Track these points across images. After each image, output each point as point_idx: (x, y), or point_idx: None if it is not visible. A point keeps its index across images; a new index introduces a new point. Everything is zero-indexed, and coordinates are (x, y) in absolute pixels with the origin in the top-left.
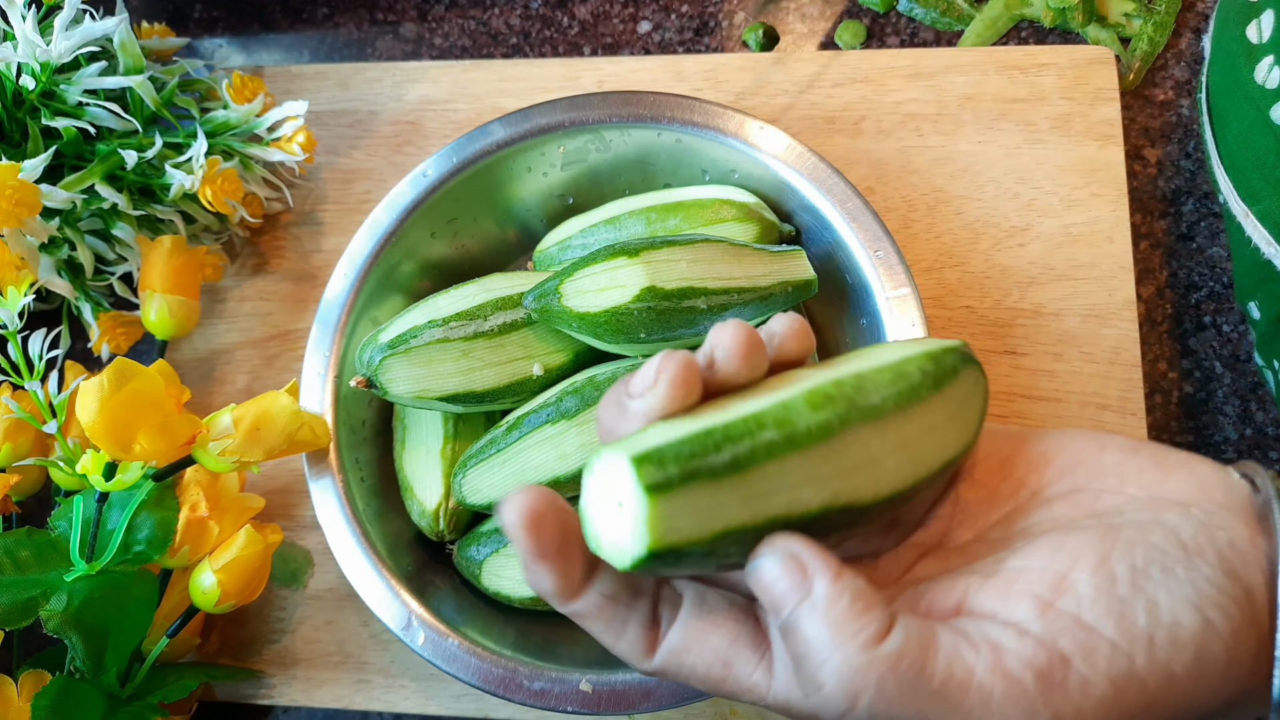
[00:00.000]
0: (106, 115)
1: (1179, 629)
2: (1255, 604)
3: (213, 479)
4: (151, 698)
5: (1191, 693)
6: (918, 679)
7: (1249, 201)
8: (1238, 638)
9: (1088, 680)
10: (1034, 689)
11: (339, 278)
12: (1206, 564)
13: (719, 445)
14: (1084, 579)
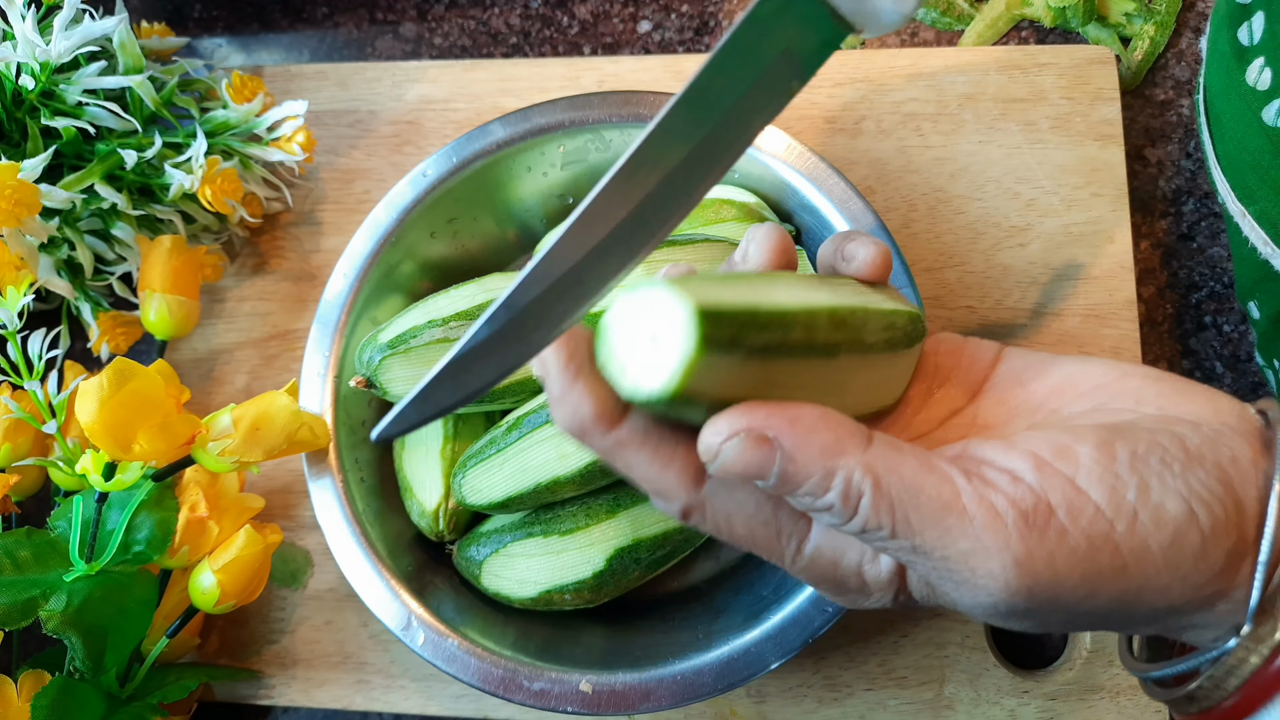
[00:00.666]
0: (106, 115)
1: (1163, 511)
2: (1243, 515)
3: (212, 479)
4: (151, 698)
5: (1161, 572)
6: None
7: (1246, 202)
8: (1216, 535)
9: (1066, 530)
10: (1013, 524)
11: (338, 278)
12: (1203, 469)
13: (762, 327)
14: (1085, 451)
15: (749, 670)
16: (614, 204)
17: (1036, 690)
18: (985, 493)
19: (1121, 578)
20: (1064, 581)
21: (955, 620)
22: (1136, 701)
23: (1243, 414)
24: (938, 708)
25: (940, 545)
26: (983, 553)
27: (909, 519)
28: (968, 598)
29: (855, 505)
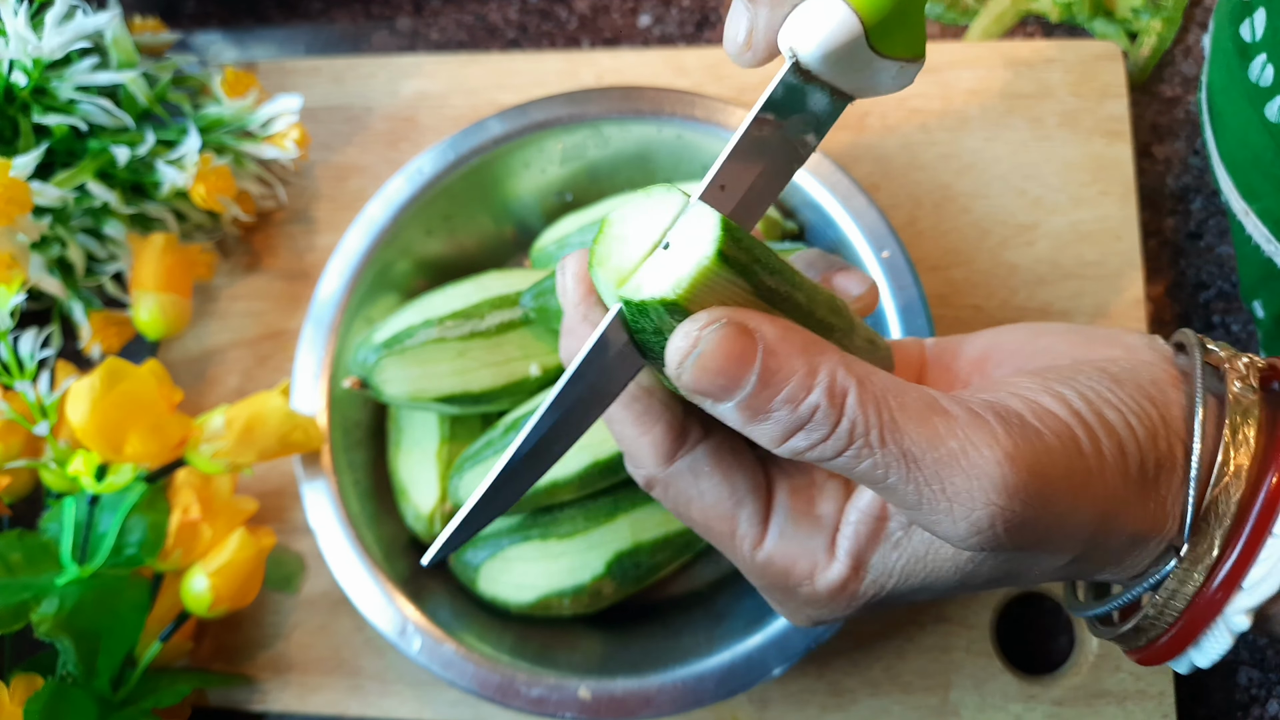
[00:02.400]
0: (98, 112)
1: (1105, 422)
2: (1168, 432)
3: (205, 481)
4: (144, 703)
5: (1118, 482)
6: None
7: (1249, 199)
8: (1148, 447)
9: (1040, 431)
10: (996, 422)
11: (333, 276)
12: (1127, 389)
13: (774, 271)
14: (1023, 382)
15: (751, 676)
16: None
17: (1043, 695)
18: (962, 399)
19: (1095, 484)
20: (1053, 482)
21: (960, 625)
22: (1144, 706)
23: (1153, 345)
24: (943, 713)
25: (930, 444)
26: (973, 450)
27: (896, 418)
28: (961, 512)
29: (841, 403)
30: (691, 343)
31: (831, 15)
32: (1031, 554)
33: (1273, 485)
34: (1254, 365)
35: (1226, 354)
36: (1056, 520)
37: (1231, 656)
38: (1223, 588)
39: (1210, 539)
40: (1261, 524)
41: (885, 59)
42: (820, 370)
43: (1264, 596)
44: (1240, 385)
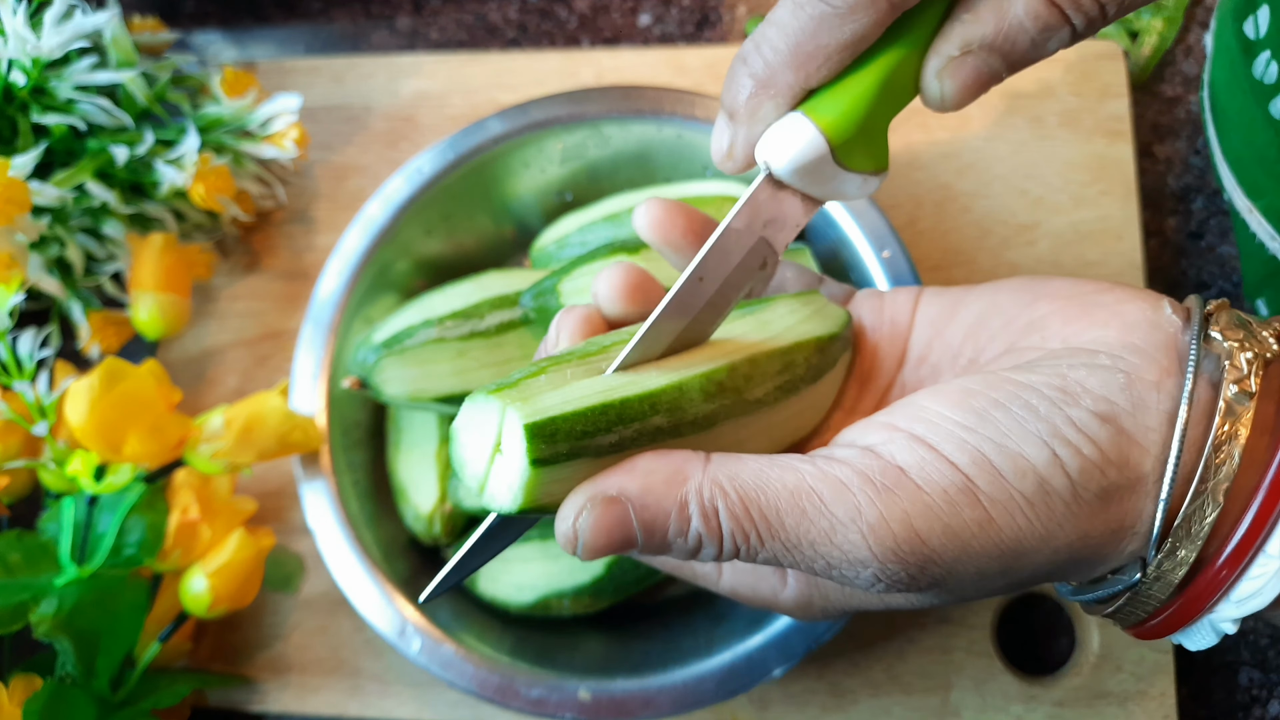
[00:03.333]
0: (97, 111)
1: (1021, 459)
2: (1128, 446)
3: (204, 482)
4: (143, 704)
5: (1034, 525)
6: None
7: (1253, 197)
8: (1086, 476)
9: (920, 487)
10: (859, 490)
11: (332, 276)
12: (1077, 406)
13: (610, 426)
14: (939, 410)
15: (751, 677)
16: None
17: (1044, 696)
18: (829, 469)
19: (990, 530)
20: (929, 540)
21: (961, 626)
22: (1144, 707)
23: (1155, 324)
24: (944, 714)
25: (803, 532)
26: (840, 527)
27: (766, 517)
28: (851, 576)
29: (717, 522)
30: (572, 534)
31: (801, 135)
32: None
33: (1261, 508)
34: (1260, 359)
35: (1232, 342)
36: (948, 569)
37: (1232, 657)
38: (1194, 603)
39: (1182, 556)
40: (1245, 546)
41: (850, 172)
42: (689, 501)
43: (1252, 610)
44: (1235, 391)
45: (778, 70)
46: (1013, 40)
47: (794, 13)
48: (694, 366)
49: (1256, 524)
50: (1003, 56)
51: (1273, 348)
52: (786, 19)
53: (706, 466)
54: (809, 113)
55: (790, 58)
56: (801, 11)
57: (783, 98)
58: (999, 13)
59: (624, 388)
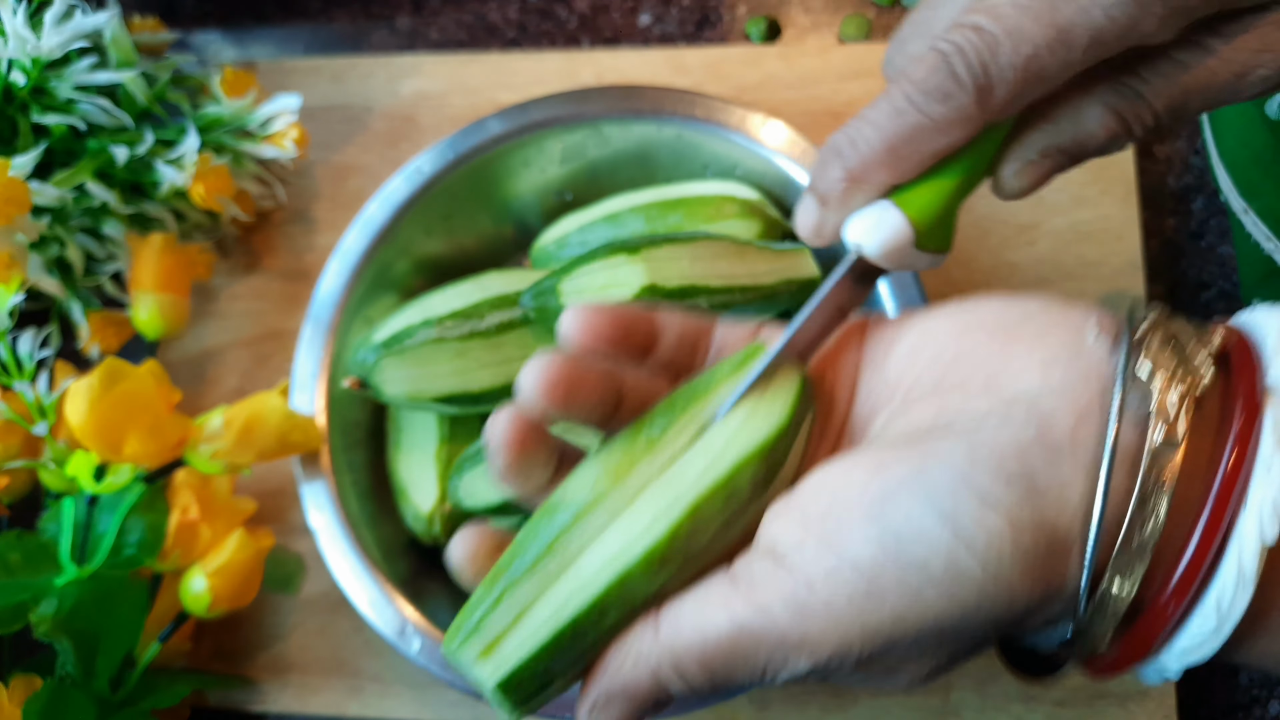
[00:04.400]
0: (97, 111)
1: (920, 546)
2: (1043, 506)
3: (204, 482)
4: (143, 704)
5: (949, 608)
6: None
7: (1249, 198)
8: (994, 551)
9: (828, 603)
10: (781, 616)
11: (332, 276)
12: (986, 472)
13: (569, 645)
14: (848, 497)
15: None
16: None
17: (1044, 696)
18: (752, 597)
19: (905, 623)
20: (853, 643)
21: None
22: (1144, 707)
23: (1077, 351)
24: (944, 714)
25: (751, 669)
26: (779, 655)
27: (717, 671)
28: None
29: (681, 682)
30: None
31: (892, 223)
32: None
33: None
34: (1190, 397)
35: (1161, 377)
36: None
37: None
38: (1135, 651)
39: (1114, 609)
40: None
41: (923, 252)
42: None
43: (1193, 662)
44: (1162, 439)
45: (871, 168)
46: (1083, 145)
47: (891, 118)
48: (633, 546)
49: (1187, 577)
50: (1072, 158)
51: (1204, 380)
52: (884, 121)
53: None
54: (898, 202)
55: (885, 158)
56: (900, 119)
57: (874, 191)
58: (1076, 123)
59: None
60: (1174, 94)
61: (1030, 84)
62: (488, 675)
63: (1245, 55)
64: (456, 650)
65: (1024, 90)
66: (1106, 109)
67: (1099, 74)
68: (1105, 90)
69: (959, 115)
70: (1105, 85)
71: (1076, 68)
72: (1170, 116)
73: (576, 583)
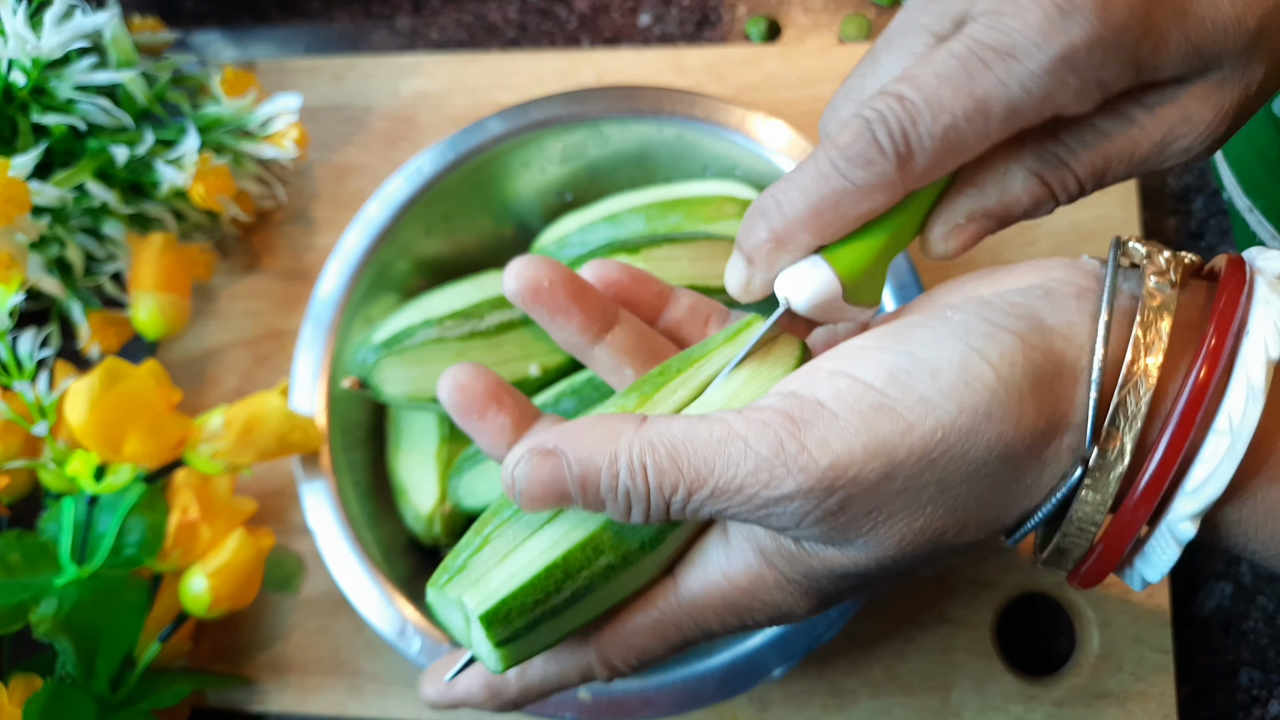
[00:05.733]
0: (97, 111)
1: (935, 361)
2: (1050, 335)
3: (204, 482)
4: (143, 704)
5: (956, 417)
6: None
7: (1253, 197)
8: (1006, 360)
9: (835, 414)
10: (780, 428)
11: (332, 276)
12: (991, 309)
13: (560, 585)
14: (858, 342)
15: (751, 677)
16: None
17: (1044, 696)
18: (752, 415)
19: (910, 435)
20: (849, 462)
21: (961, 625)
22: (1144, 707)
23: (1072, 264)
24: (944, 714)
25: (730, 476)
26: (764, 464)
27: (695, 466)
28: (779, 514)
29: (645, 476)
30: (510, 483)
31: (818, 278)
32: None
33: (1199, 380)
34: (1177, 260)
35: (1148, 248)
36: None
37: (1232, 657)
38: (1147, 495)
39: (1120, 444)
40: (1186, 423)
41: (853, 306)
42: (619, 457)
43: (1208, 500)
44: (1156, 280)
45: (796, 229)
46: (1009, 209)
47: (816, 181)
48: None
49: (1196, 395)
50: (999, 221)
51: (1188, 257)
52: (809, 185)
53: (640, 427)
54: (827, 258)
55: (809, 220)
56: (824, 183)
57: (799, 251)
58: (1001, 188)
59: (565, 539)
60: (1096, 161)
61: (950, 152)
62: (474, 606)
63: (1166, 126)
64: (442, 588)
65: (943, 158)
66: (1031, 174)
67: (1025, 139)
68: (1030, 156)
69: (881, 181)
70: (1030, 151)
71: (995, 137)
72: (1093, 182)
73: (569, 523)
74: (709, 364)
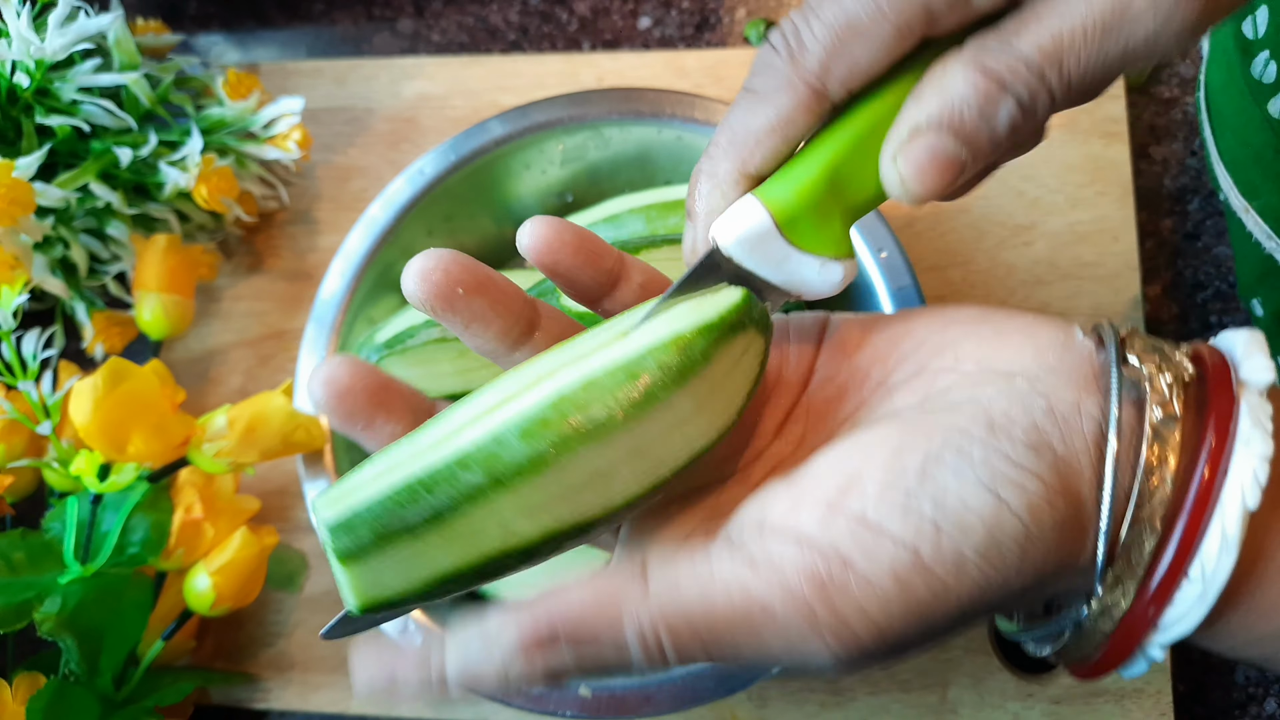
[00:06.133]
0: (101, 113)
1: (966, 513)
2: (1067, 473)
3: (207, 481)
4: (146, 701)
5: (990, 576)
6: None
7: (1249, 197)
8: (1036, 513)
9: (869, 579)
10: (812, 596)
11: (335, 276)
12: (1009, 439)
13: (416, 498)
14: (873, 475)
15: (750, 674)
16: None
17: (1041, 694)
18: (773, 576)
19: (947, 597)
20: (889, 628)
21: None
22: (1141, 704)
23: (1067, 346)
24: (941, 712)
25: (760, 649)
26: (799, 638)
27: (719, 639)
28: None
29: (662, 654)
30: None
31: (746, 210)
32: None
33: (1185, 529)
34: (1179, 382)
35: (1148, 367)
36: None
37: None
38: (1134, 633)
39: (1123, 588)
40: (1175, 570)
41: (804, 254)
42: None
43: (1179, 636)
44: (1161, 415)
45: (719, 161)
46: (959, 115)
47: (731, 110)
48: (511, 409)
49: (1183, 548)
50: (954, 133)
51: (1189, 371)
52: (727, 116)
53: (646, 596)
54: (757, 194)
55: (728, 150)
56: (735, 106)
57: (728, 187)
58: (941, 91)
59: (430, 452)
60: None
61: (844, 39)
62: (328, 516)
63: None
64: (316, 505)
65: (838, 47)
66: (971, 66)
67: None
68: (970, 51)
69: (776, 81)
70: (970, 48)
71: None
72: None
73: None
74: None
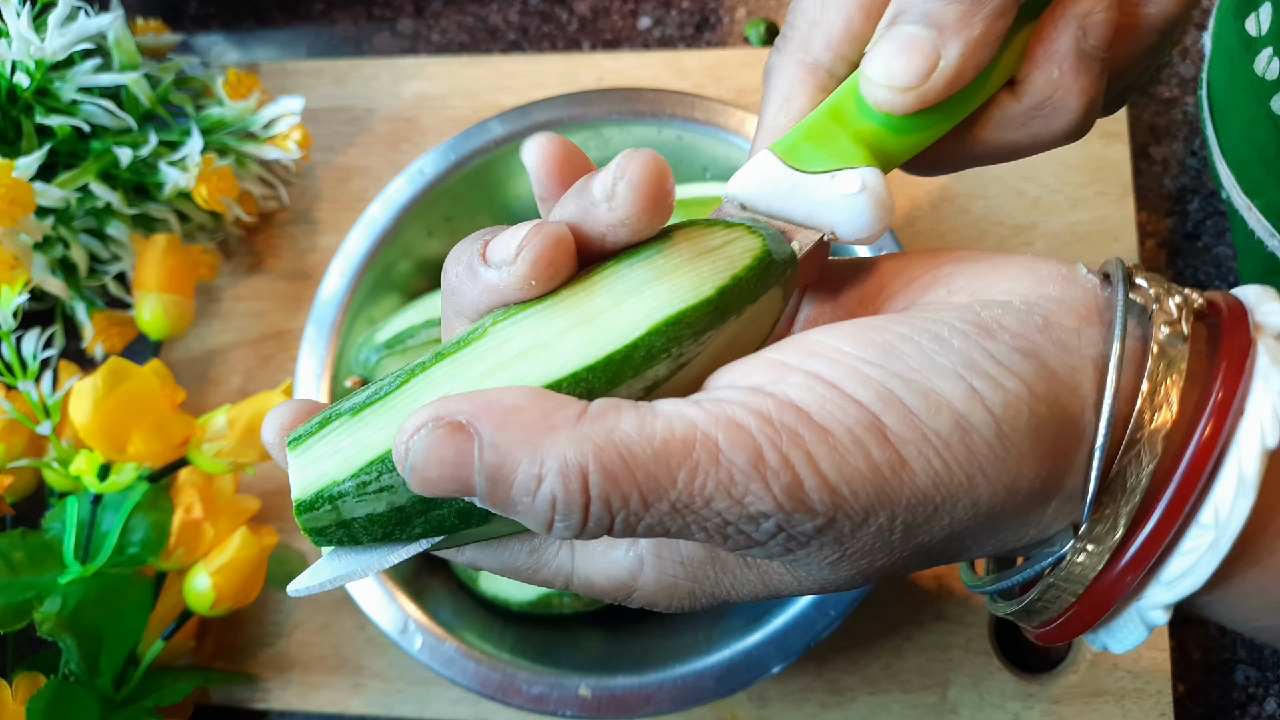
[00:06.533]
0: (101, 113)
1: (934, 394)
2: (1057, 387)
3: (207, 480)
4: (146, 701)
5: (954, 470)
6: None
7: (1252, 195)
8: (1010, 411)
9: (823, 427)
10: (759, 432)
11: (335, 277)
12: (994, 341)
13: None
14: (836, 345)
15: (750, 674)
16: None
17: (1041, 694)
18: (716, 409)
19: (904, 473)
20: (838, 486)
21: (959, 624)
22: (1141, 704)
23: (1071, 280)
24: (941, 712)
25: (698, 486)
26: (740, 475)
27: (654, 474)
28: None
29: (584, 485)
30: (402, 454)
31: (754, 159)
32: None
33: (1193, 457)
34: (1188, 305)
35: (1157, 290)
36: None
37: (1229, 655)
38: (1126, 575)
39: (1115, 518)
40: (1177, 505)
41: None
42: (546, 459)
43: (1185, 594)
44: (1168, 332)
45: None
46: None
47: None
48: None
49: (1188, 480)
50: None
51: (1197, 301)
52: None
53: (580, 421)
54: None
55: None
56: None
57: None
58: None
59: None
60: None
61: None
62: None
63: None
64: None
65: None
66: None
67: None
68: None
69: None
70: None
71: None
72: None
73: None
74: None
